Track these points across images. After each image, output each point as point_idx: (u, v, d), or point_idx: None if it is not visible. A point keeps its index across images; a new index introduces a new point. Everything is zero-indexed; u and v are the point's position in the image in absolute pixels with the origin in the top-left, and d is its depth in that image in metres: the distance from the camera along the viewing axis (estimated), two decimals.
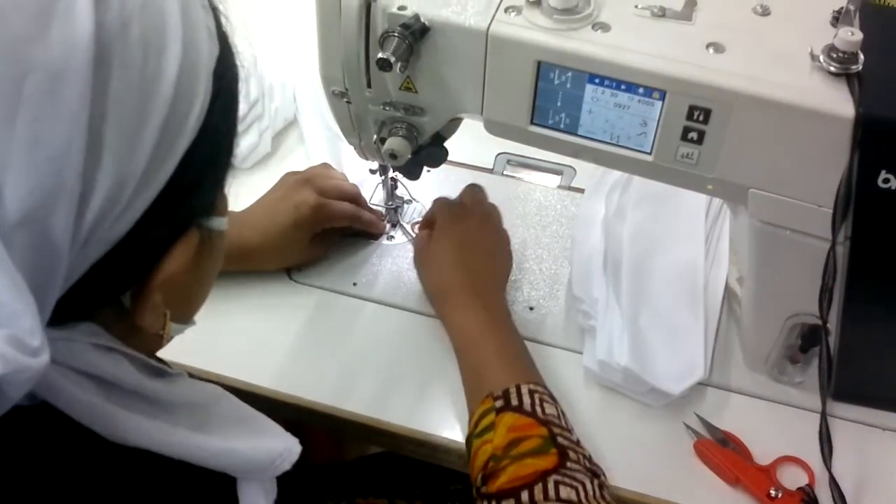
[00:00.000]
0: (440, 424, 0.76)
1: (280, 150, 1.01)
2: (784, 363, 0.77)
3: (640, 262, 0.84)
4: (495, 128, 0.71)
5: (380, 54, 0.63)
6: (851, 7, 0.62)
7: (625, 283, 0.82)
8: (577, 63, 0.63)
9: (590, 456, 0.66)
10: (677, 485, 0.71)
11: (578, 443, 0.66)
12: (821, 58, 0.59)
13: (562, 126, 0.67)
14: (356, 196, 0.89)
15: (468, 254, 0.80)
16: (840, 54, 0.59)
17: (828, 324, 0.65)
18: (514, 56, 0.64)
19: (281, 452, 0.46)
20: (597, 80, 0.63)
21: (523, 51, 0.63)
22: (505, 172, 0.98)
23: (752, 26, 0.63)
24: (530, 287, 0.86)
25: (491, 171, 0.98)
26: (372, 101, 0.72)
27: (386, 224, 0.92)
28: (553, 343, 0.81)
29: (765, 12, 0.64)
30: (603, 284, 0.81)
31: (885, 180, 0.59)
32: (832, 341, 0.68)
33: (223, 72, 0.43)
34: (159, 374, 0.45)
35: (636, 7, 0.64)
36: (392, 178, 0.91)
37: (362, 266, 0.89)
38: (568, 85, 0.64)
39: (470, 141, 0.78)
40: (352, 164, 0.94)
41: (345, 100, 0.73)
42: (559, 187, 0.97)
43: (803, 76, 0.59)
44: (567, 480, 0.62)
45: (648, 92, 0.62)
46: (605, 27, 0.63)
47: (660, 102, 0.62)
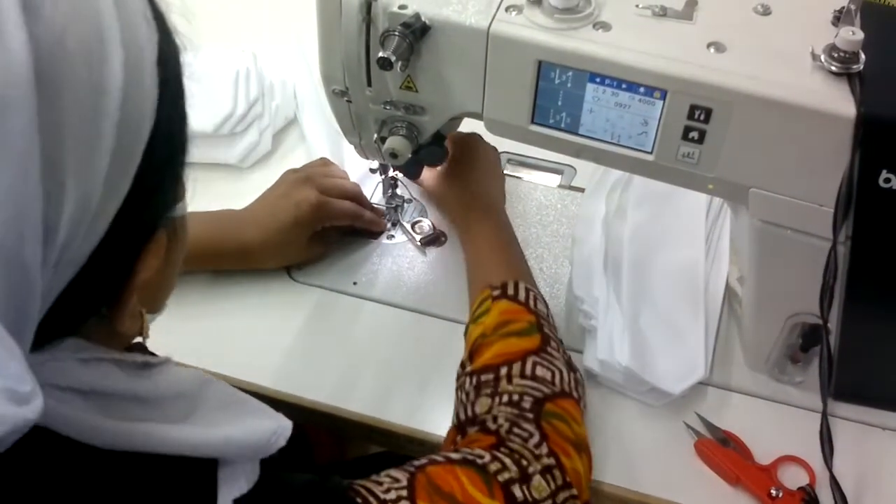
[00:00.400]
0: (441, 424, 0.76)
1: (280, 149, 1.01)
2: (785, 363, 0.77)
3: (640, 261, 0.84)
4: (496, 127, 0.70)
5: (380, 53, 0.63)
6: (852, 6, 0.62)
7: (625, 282, 0.82)
8: (577, 62, 0.63)
9: (566, 352, 0.72)
10: (678, 484, 0.71)
11: (562, 342, 0.72)
12: (822, 57, 0.59)
13: (562, 125, 0.67)
14: (357, 194, 0.89)
15: (484, 176, 0.87)
16: (841, 54, 0.59)
17: (828, 323, 0.65)
18: (514, 55, 0.64)
19: (275, 430, 0.47)
20: (598, 80, 0.63)
21: (524, 50, 0.63)
22: (505, 172, 0.98)
23: (752, 26, 0.63)
24: None
25: None
26: (372, 100, 0.72)
27: (386, 223, 0.92)
28: None
29: (766, 12, 0.64)
30: (603, 284, 0.81)
31: (886, 180, 0.59)
32: (833, 341, 0.68)
33: (166, 58, 0.41)
34: (146, 368, 0.45)
35: (637, 6, 0.64)
36: (392, 176, 0.91)
37: (363, 265, 0.89)
38: (569, 84, 0.64)
39: None
40: (353, 163, 0.94)
41: (345, 99, 0.73)
42: (559, 186, 0.96)
43: (804, 76, 0.59)
44: (545, 363, 0.67)
45: (649, 91, 0.62)
46: (605, 26, 0.63)
47: (661, 102, 0.62)
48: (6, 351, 0.32)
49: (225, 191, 0.95)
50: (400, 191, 0.93)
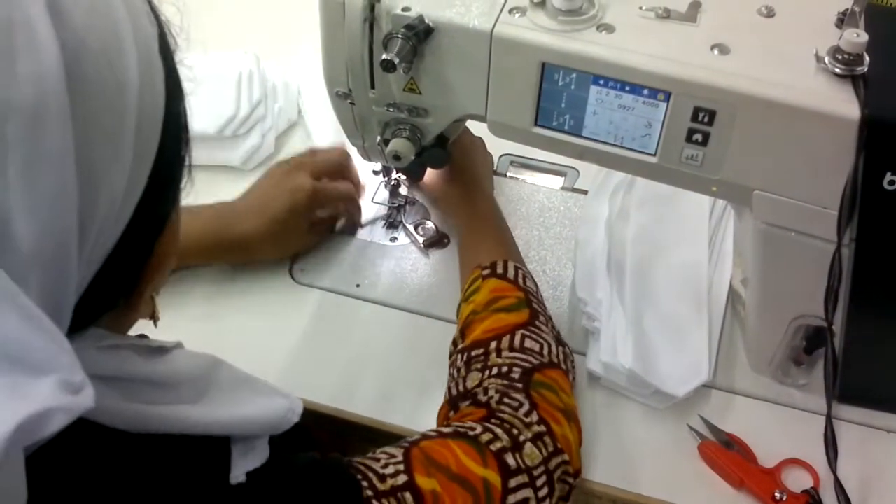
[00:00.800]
0: None
1: (283, 151, 1.01)
2: (788, 365, 0.77)
3: (643, 263, 0.84)
4: (499, 129, 0.70)
5: (384, 55, 0.63)
6: (856, 8, 0.62)
7: (628, 284, 0.82)
8: (581, 64, 0.63)
9: (555, 325, 0.73)
10: (681, 487, 0.71)
11: (551, 318, 0.74)
12: (826, 59, 0.59)
13: (566, 127, 0.67)
14: (346, 159, 0.89)
15: (472, 163, 0.88)
16: (845, 56, 0.58)
17: (832, 326, 0.65)
18: (518, 57, 0.64)
19: (289, 407, 0.49)
20: (601, 82, 0.63)
21: (527, 52, 0.63)
22: (508, 174, 0.98)
23: (756, 28, 0.63)
24: None
25: (494, 173, 0.98)
26: (376, 102, 0.72)
27: (382, 222, 0.92)
28: None
29: (769, 14, 0.64)
30: (606, 286, 0.81)
31: (891, 182, 0.58)
32: (837, 343, 0.67)
33: (165, 50, 0.42)
34: (161, 353, 0.46)
35: (640, 8, 0.64)
36: (395, 178, 0.91)
37: (366, 267, 0.89)
38: (572, 86, 0.64)
39: None
40: (357, 164, 0.93)
41: (348, 101, 0.73)
42: (562, 189, 0.96)
43: (808, 78, 0.59)
44: (534, 336, 0.69)
45: (653, 93, 0.62)
46: (609, 28, 0.63)
47: (664, 104, 0.62)
48: (57, 345, 0.33)
49: (227, 193, 0.95)
50: (403, 193, 0.93)
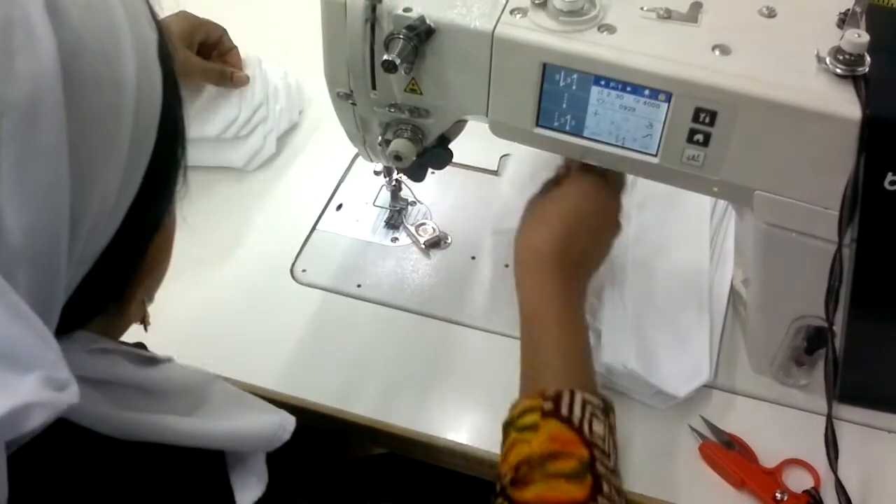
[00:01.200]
0: (444, 427, 0.76)
1: (284, 152, 1.01)
2: (789, 365, 0.77)
3: (644, 264, 0.84)
4: (500, 130, 0.70)
5: (385, 56, 0.63)
6: (858, 9, 0.62)
7: (630, 285, 0.82)
8: (582, 65, 0.63)
9: (621, 488, 0.61)
10: (682, 487, 0.71)
11: (615, 471, 0.61)
12: (827, 60, 0.59)
13: (567, 128, 0.67)
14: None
15: (577, 226, 0.71)
16: (846, 56, 0.58)
17: (833, 326, 0.65)
18: (519, 58, 0.64)
19: (280, 424, 0.48)
20: (602, 82, 0.63)
21: (529, 53, 0.63)
22: None
23: (757, 28, 0.63)
24: None
25: (495, 174, 0.98)
26: (377, 102, 0.72)
27: (383, 222, 0.92)
28: None
29: (771, 14, 0.64)
30: (608, 287, 0.81)
31: (892, 182, 0.58)
32: (838, 343, 0.67)
33: (165, 56, 0.43)
34: (151, 363, 0.46)
35: (642, 9, 0.64)
36: (396, 179, 0.91)
37: (366, 267, 0.89)
38: (573, 87, 0.64)
39: (474, 143, 0.78)
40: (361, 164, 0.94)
41: (349, 101, 0.73)
42: None
43: (809, 78, 0.59)
44: None
45: (654, 94, 0.62)
46: (610, 29, 0.63)
47: (666, 104, 0.62)
48: (43, 342, 0.33)
49: (229, 194, 0.95)
50: (404, 193, 0.93)
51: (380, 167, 0.89)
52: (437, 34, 0.65)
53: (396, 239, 0.92)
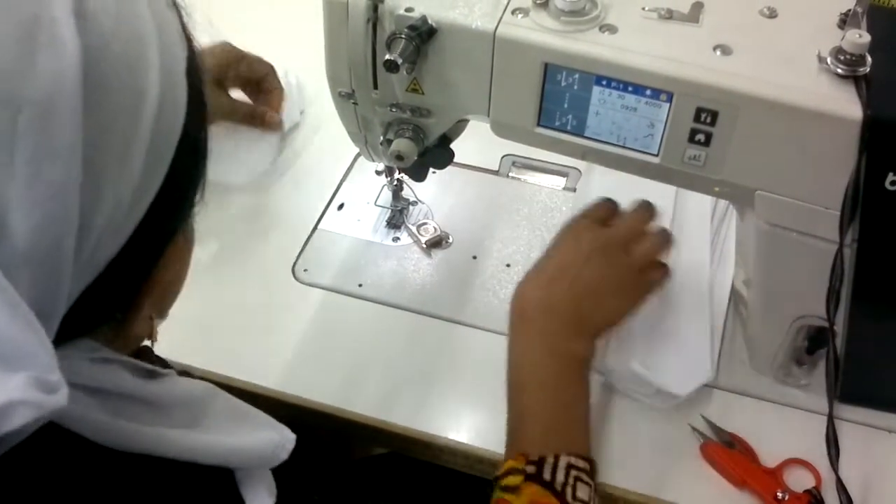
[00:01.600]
0: (445, 426, 0.76)
1: (286, 152, 1.01)
2: (790, 365, 0.77)
3: None
4: (502, 129, 0.71)
5: (387, 56, 0.63)
6: (859, 9, 0.62)
7: None
8: (584, 65, 0.63)
9: None
10: (683, 487, 0.71)
11: None
12: (828, 60, 0.59)
13: (568, 128, 0.67)
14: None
15: (559, 276, 0.68)
16: (847, 56, 0.58)
17: (834, 326, 0.65)
18: (521, 58, 0.64)
19: (279, 442, 0.47)
20: (604, 82, 0.63)
21: (530, 52, 0.63)
22: (510, 174, 0.98)
23: (759, 28, 0.63)
24: None
25: (496, 173, 0.98)
26: (378, 102, 0.72)
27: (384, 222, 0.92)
28: None
29: (772, 14, 0.64)
30: None
31: (893, 182, 0.58)
32: (839, 343, 0.67)
33: (193, 74, 0.42)
34: (152, 376, 0.45)
35: (643, 9, 0.64)
36: (398, 179, 0.91)
37: (368, 267, 0.89)
38: (575, 87, 0.64)
39: (476, 143, 0.79)
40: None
41: (351, 101, 0.73)
42: (565, 189, 0.96)
43: (810, 78, 0.59)
44: None
45: (656, 94, 0.62)
46: (612, 29, 0.63)
47: (667, 104, 0.62)
48: (38, 343, 0.33)
49: (230, 193, 0.95)
50: (405, 193, 0.93)
51: (381, 167, 0.89)
52: (438, 34, 0.65)
53: (398, 238, 0.92)
